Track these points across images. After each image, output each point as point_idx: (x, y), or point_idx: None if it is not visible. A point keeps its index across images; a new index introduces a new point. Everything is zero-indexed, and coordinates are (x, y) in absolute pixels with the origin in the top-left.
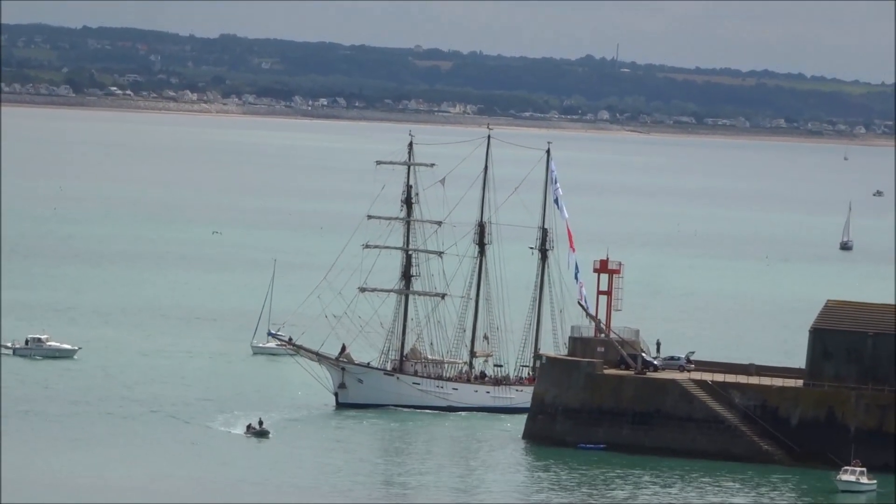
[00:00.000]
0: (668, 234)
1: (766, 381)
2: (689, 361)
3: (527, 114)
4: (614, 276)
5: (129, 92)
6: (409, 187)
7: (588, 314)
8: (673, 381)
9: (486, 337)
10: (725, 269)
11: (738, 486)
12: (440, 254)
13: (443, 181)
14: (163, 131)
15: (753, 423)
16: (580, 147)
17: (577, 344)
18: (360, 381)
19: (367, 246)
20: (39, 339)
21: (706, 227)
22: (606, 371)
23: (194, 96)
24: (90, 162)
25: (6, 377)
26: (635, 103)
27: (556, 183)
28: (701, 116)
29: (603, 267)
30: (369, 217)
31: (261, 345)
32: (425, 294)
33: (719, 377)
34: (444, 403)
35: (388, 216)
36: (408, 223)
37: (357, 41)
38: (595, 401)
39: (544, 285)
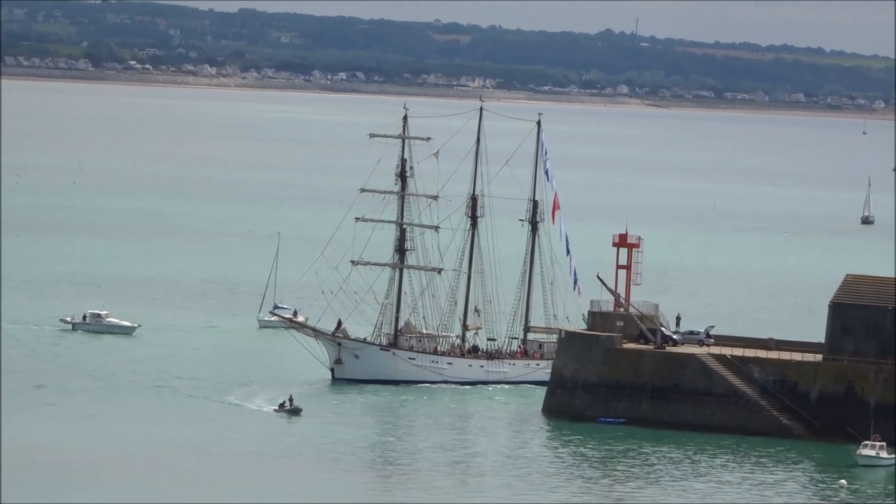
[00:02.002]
0: (688, 208)
1: (785, 355)
2: (708, 336)
3: (546, 88)
4: (633, 250)
5: (147, 66)
6: (403, 161)
7: (607, 288)
8: (692, 356)
9: (476, 310)
10: (745, 243)
11: (757, 460)
12: (436, 228)
13: (436, 154)
14: (180, 105)
15: (773, 398)
16: (599, 122)
17: (597, 318)
18: (357, 356)
19: (360, 219)
20: (98, 315)
21: (726, 203)
22: (626, 345)
23: (213, 70)
24: (109, 136)
25: (54, 349)
26: (654, 78)
27: (546, 155)
28: (720, 91)
29: (622, 241)
30: (362, 191)
31: (266, 318)
32: (421, 269)
33: (738, 352)
34: (438, 378)
35: (382, 190)
36: (402, 197)
37: (376, 15)
38: (614, 375)
39: (535, 258)
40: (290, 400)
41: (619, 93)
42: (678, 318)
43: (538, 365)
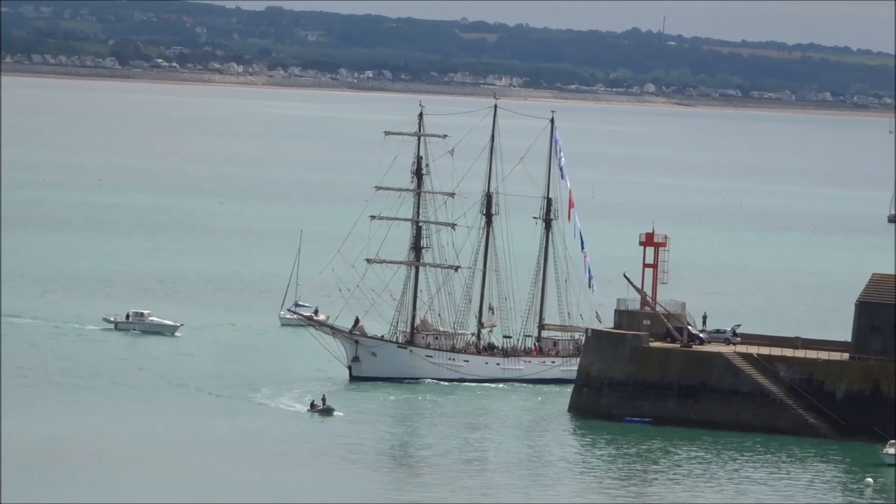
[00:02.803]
0: (714, 207)
1: (811, 354)
2: (734, 334)
3: (573, 86)
4: (660, 249)
5: (174, 64)
6: (419, 158)
7: (634, 287)
8: (719, 355)
9: (490, 308)
10: (771, 242)
11: (783, 459)
12: (452, 225)
13: (451, 152)
14: (207, 103)
15: (799, 397)
16: (625, 121)
17: (623, 317)
18: (374, 354)
19: (375, 217)
20: (141, 314)
21: (752, 201)
22: (652, 344)
23: (240, 69)
24: (134, 134)
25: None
26: (681, 76)
27: (560, 153)
28: (747, 89)
29: (649, 240)
30: (377, 188)
31: (288, 316)
32: (438, 266)
33: (765, 350)
34: (455, 376)
35: (398, 187)
36: (418, 194)
37: (403, 14)
38: (641, 374)
39: (549, 255)
40: (323, 399)
41: (646, 91)
42: (705, 317)
43: (553, 362)
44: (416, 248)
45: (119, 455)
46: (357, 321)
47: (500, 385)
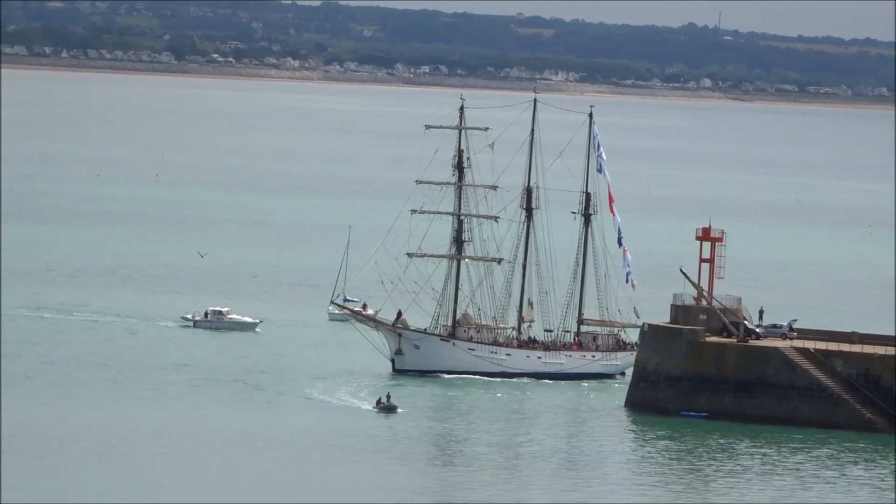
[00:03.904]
0: (771, 202)
1: (868, 349)
2: (791, 329)
3: (628, 82)
4: (717, 244)
5: (230, 59)
6: (460, 152)
7: (690, 281)
8: (775, 349)
9: (529, 302)
10: (828, 237)
11: (840, 454)
12: (496, 218)
13: (492, 145)
14: (263, 98)
15: (856, 392)
16: (681, 116)
17: (680, 311)
18: (417, 347)
19: (416, 211)
20: (220, 312)
21: (809, 196)
22: (709, 339)
23: (296, 63)
24: (190, 129)
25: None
26: (737, 71)
27: (599, 148)
28: (803, 85)
29: (705, 235)
30: (418, 182)
31: (337, 311)
32: (481, 259)
33: (822, 345)
34: (497, 369)
35: (438, 181)
36: (459, 188)
37: (459, 9)
38: (697, 369)
39: (588, 250)
40: (388, 397)
41: (702, 87)
42: (761, 312)
43: (594, 357)
44: (458, 241)
45: (193, 449)
46: (399, 314)
47: (546, 381)
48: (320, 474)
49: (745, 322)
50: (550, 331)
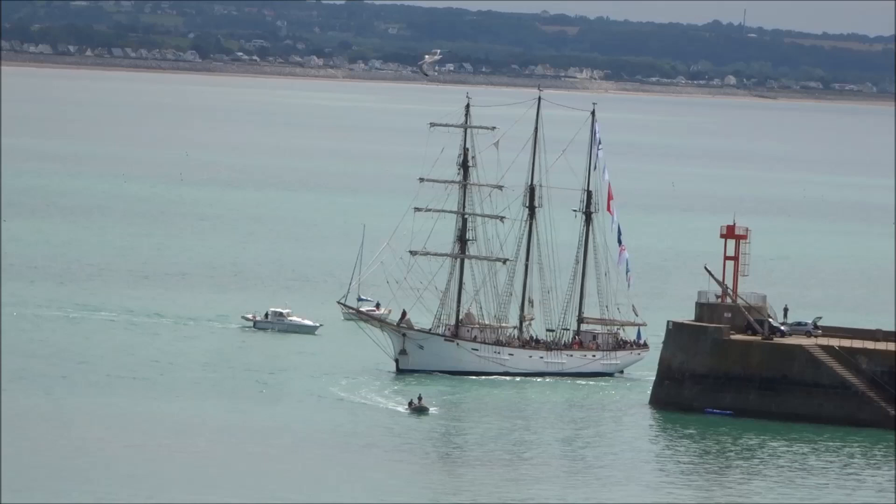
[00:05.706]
0: (795, 199)
1: (892, 346)
2: (816, 327)
3: (653, 79)
4: (741, 241)
5: (255, 57)
6: (465, 150)
7: (714, 279)
8: (800, 347)
9: (530, 301)
10: (852, 234)
11: (865, 452)
12: (501, 218)
13: (497, 144)
14: (287, 96)
15: (881, 389)
16: (706, 113)
17: (704, 309)
18: (421, 346)
19: (419, 210)
20: (281, 314)
21: (833, 193)
22: (733, 336)
23: (321, 62)
24: (215, 127)
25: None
26: (762, 69)
27: (599, 145)
28: (828, 82)
29: (730, 233)
30: (421, 180)
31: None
32: (486, 259)
33: (846, 343)
34: (500, 369)
35: (442, 179)
36: (464, 186)
37: (484, 7)
38: (722, 366)
39: (588, 248)
40: (419, 398)
41: (727, 84)
42: (786, 309)
43: (594, 356)
44: (462, 240)
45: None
46: (404, 314)
47: (566, 379)
48: (329, 472)
49: (770, 319)
50: (553, 330)
